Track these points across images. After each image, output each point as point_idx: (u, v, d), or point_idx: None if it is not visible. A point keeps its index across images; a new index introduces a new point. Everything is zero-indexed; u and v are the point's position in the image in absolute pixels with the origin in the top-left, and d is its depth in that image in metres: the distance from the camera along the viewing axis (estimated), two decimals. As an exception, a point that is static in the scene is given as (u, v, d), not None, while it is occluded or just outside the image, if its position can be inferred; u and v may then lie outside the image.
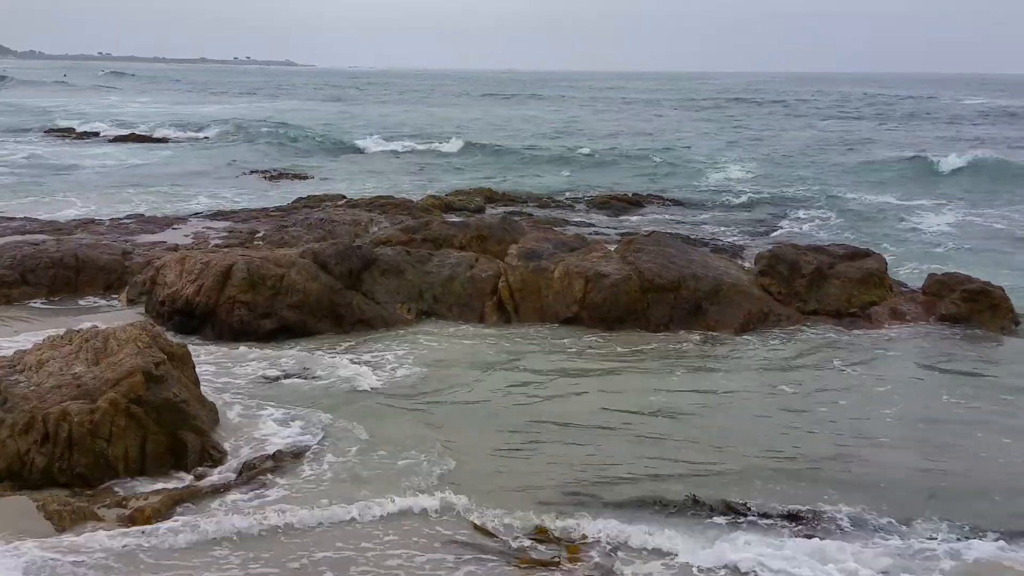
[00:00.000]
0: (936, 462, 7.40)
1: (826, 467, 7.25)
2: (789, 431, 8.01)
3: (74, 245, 13.17)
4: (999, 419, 8.39)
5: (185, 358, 7.83)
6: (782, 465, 7.25)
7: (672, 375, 9.60)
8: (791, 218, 20.09)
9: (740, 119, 54.10)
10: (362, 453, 7.32)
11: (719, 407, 8.62)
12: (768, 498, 6.64)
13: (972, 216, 20.11)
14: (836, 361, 10.08)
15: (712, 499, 6.57)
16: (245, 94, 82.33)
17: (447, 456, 7.29)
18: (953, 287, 11.74)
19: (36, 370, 7.32)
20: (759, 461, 7.30)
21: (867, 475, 7.10)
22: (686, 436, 7.82)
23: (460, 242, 13.59)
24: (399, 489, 6.65)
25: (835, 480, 7.00)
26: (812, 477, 7.04)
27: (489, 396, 8.80)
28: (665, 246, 12.46)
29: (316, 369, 9.44)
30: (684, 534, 6.07)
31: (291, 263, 11.43)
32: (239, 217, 17.22)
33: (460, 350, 10.24)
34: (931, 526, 6.29)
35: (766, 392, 9.10)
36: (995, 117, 54.12)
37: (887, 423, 8.26)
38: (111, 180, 23.57)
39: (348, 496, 6.54)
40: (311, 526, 6.15)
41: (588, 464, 7.22)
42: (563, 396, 8.87)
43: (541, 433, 7.86)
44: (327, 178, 25.65)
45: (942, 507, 6.55)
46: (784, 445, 7.66)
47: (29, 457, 6.53)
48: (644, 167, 28.79)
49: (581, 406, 8.57)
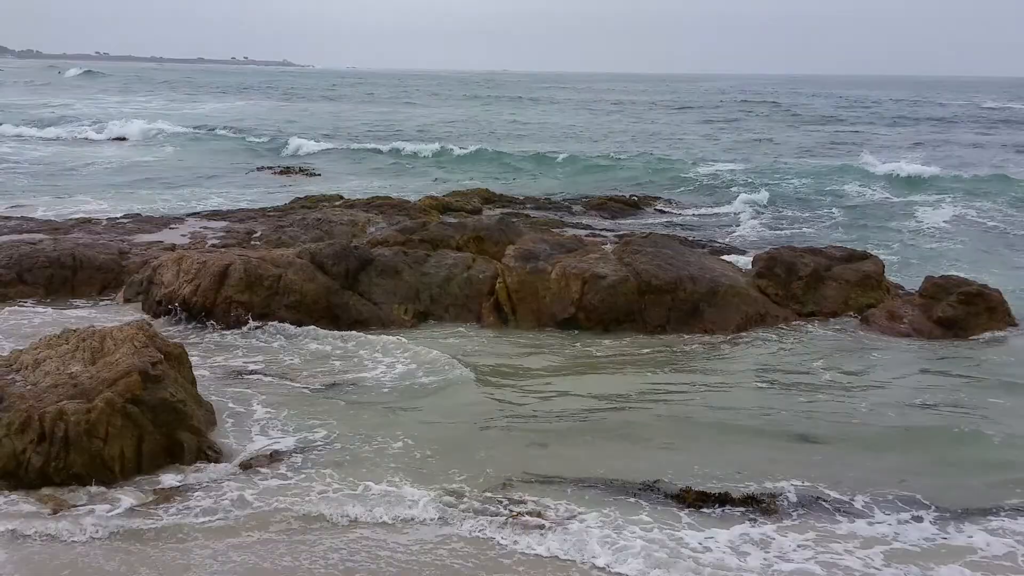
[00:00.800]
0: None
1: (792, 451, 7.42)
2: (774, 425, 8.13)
3: (71, 244, 13.15)
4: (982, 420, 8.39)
5: (182, 358, 7.83)
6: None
7: (660, 373, 9.63)
8: (788, 219, 20.13)
9: (737, 120, 54.17)
10: (359, 451, 7.32)
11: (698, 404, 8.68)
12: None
13: (971, 214, 20.15)
14: (831, 361, 10.09)
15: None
16: (213, 93, 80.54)
17: (447, 453, 7.30)
18: (950, 289, 11.75)
19: (33, 369, 7.32)
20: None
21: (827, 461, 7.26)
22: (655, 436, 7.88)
23: (457, 243, 13.60)
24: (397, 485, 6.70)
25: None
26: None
27: (484, 395, 8.82)
28: (662, 247, 12.47)
29: (314, 368, 9.45)
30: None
31: (288, 263, 11.43)
32: (236, 217, 17.19)
33: (455, 351, 10.24)
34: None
35: (754, 389, 9.17)
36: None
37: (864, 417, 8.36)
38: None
39: (346, 492, 6.56)
40: (309, 525, 6.15)
41: (547, 457, 7.32)
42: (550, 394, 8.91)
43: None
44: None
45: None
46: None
47: (25, 456, 6.52)
48: (640, 168, 28.84)
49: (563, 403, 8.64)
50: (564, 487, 6.74)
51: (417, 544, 5.97)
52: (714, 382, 9.39)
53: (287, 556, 5.76)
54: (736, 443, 7.71)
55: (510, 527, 6.14)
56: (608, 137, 41.79)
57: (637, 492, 6.70)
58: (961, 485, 6.98)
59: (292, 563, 5.68)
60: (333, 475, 6.88)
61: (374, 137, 38.49)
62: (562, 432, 7.87)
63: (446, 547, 5.94)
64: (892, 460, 7.44)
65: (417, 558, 5.79)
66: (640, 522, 6.24)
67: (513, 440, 7.66)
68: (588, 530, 6.08)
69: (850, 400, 8.85)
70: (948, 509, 6.54)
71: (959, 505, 6.61)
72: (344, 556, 5.77)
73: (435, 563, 5.73)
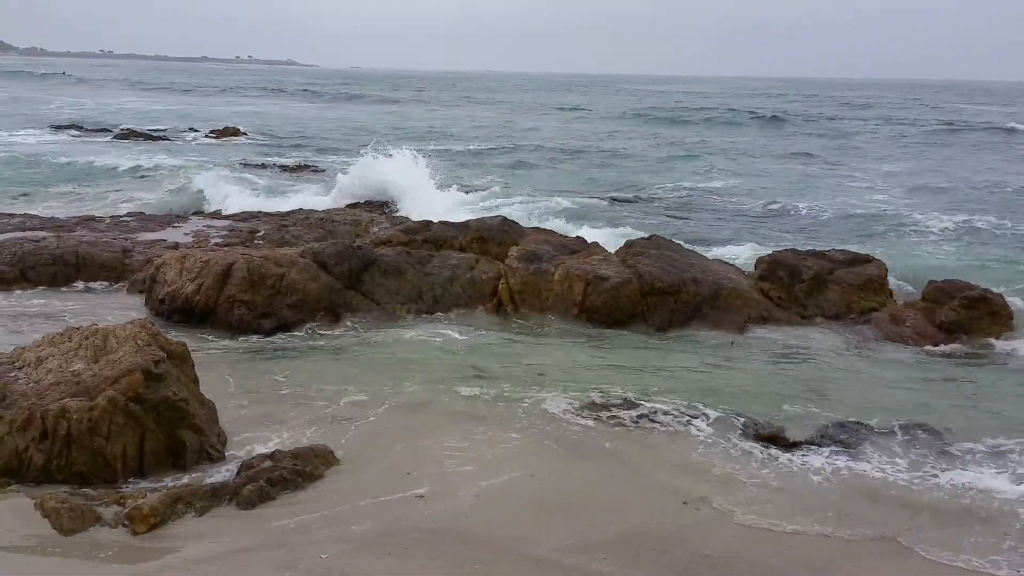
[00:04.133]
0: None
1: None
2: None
3: (74, 242, 13.16)
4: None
5: (184, 356, 7.81)
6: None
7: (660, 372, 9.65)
8: (790, 222, 20.10)
9: (725, 125, 53.68)
10: (354, 450, 7.32)
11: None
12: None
13: (974, 219, 20.11)
14: (830, 363, 10.10)
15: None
16: (177, 92, 79.91)
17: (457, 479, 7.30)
18: (953, 294, 11.74)
19: (35, 367, 7.31)
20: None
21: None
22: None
23: (460, 243, 13.59)
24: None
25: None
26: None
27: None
28: (665, 249, 12.46)
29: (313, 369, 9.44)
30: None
31: (291, 263, 11.43)
32: (239, 216, 17.20)
33: (460, 349, 10.24)
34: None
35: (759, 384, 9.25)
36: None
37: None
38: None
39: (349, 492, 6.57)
40: (309, 524, 6.16)
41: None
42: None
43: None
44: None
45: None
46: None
47: (27, 454, 6.52)
48: (634, 170, 28.80)
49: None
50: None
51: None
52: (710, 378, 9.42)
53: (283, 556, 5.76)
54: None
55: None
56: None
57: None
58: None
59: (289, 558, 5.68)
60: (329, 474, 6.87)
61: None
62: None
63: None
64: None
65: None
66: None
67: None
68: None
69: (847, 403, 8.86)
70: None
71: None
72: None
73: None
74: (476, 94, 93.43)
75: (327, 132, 41.79)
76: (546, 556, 5.85)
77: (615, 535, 6.10)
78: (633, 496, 6.69)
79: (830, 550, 6.03)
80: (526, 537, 6.06)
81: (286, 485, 6.64)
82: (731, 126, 50.19)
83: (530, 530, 6.16)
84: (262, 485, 6.53)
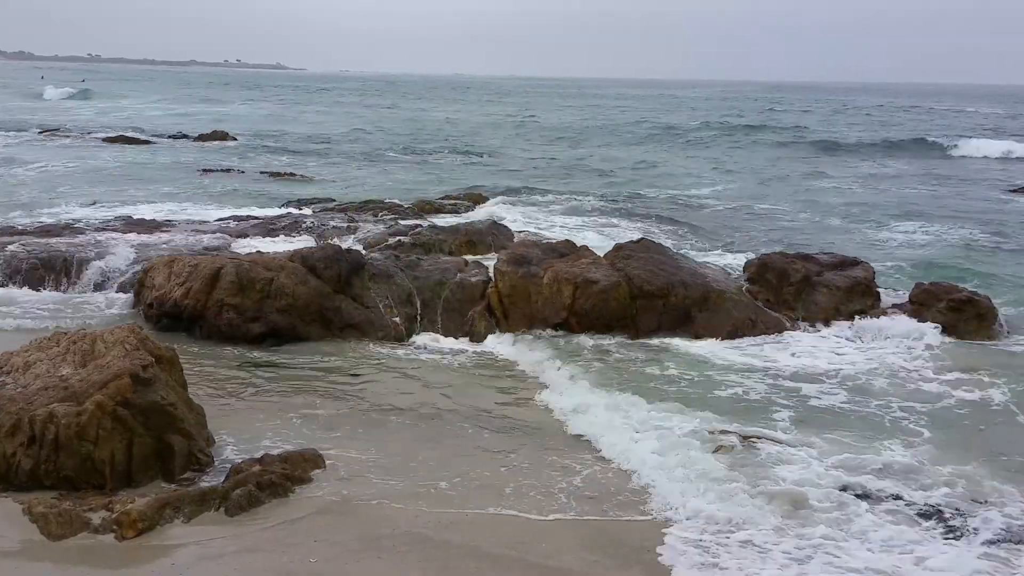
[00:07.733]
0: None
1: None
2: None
3: (61, 247, 13.08)
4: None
5: (173, 360, 7.79)
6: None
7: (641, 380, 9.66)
8: (780, 225, 20.18)
9: (718, 128, 53.79)
10: (344, 455, 7.30)
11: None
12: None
13: (955, 227, 20.24)
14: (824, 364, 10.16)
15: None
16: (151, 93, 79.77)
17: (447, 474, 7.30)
18: (940, 296, 11.80)
19: (23, 372, 7.27)
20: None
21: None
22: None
23: (450, 247, 13.61)
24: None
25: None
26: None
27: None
28: (654, 253, 12.48)
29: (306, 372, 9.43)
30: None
31: (280, 267, 11.40)
32: (228, 221, 17.10)
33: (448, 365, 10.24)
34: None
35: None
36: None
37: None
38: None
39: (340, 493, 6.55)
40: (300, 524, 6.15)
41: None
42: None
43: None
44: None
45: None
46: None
47: (15, 459, 6.49)
48: (628, 176, 28.88)
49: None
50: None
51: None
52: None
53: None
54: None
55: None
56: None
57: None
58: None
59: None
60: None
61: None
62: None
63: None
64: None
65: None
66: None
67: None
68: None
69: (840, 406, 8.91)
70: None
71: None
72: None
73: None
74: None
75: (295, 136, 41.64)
76: (538, 563, 5.85)
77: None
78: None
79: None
80: (520, 544, 6.06)
81: (275, 490, 6.63)
82: (723, 133, 50.14)
83: (524, 537, 6.17)
84: (251, 490, 6.51)
